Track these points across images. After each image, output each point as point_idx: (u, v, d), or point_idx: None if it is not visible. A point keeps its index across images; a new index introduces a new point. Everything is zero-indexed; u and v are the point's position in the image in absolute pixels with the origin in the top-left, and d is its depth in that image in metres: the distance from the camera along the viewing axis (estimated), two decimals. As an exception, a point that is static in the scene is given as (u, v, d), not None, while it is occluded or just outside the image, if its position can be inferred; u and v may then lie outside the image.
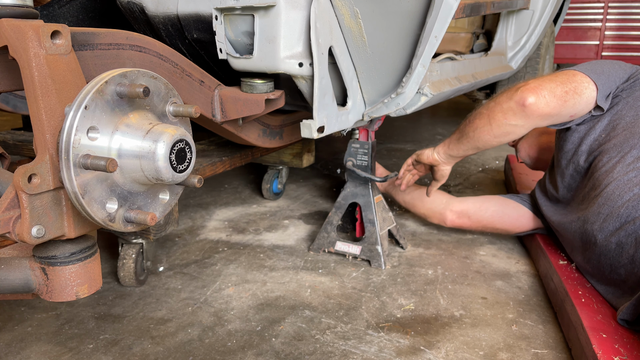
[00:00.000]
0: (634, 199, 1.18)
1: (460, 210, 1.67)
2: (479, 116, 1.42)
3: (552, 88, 1.30)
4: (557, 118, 1.34)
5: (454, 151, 1.54)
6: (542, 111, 1.30)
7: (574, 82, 1.31)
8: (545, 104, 1.29)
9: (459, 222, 1.68)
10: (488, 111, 1.39)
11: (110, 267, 1.55)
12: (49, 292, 0.74)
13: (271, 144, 1.56)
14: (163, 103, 0.72)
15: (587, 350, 1.07)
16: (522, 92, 1.30)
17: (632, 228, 1.16)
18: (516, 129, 1.36)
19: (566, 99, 1.30)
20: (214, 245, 1.73)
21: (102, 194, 0.66)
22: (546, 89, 1.30)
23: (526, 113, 1.31)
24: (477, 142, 1.45)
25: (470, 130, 1.45)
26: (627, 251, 1.17)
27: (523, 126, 1.35)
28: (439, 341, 1.21)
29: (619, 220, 1.19)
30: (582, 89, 1.31)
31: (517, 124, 1.34)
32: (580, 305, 1.21)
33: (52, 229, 0.70)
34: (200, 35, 1.30)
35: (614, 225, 1.20)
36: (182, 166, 0.69)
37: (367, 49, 1.28)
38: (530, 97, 1.29)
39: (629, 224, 1.16)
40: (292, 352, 1.16)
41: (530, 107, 1.29)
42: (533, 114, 1.31)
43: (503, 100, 1.35)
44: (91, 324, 1.27)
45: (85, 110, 0.61)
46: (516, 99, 1.31)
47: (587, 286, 1.31)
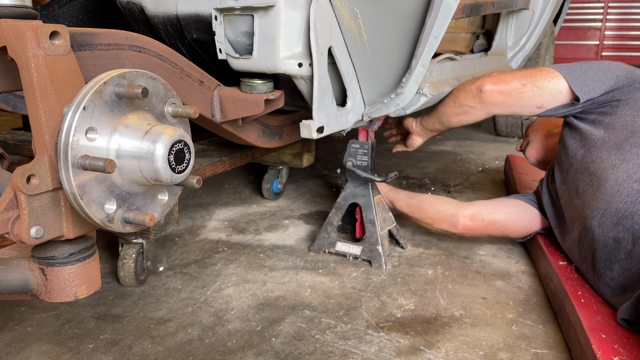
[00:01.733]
0: (633, 194, 1.18)
1: (472, 213, 1.61)
2: (448, 95, 1.60)
3: (509, 80, 1.47)
4: (515, 107, 1.49)
5: (426, 123, 1.72)
6: (494, 99, 1.47)
7: (536, 76, 1.45)
8: (499, 93, 1.46)
9: (472, 224, 1.61)
10: (456, 91, 1.57)
11: (111, 267, 1.55)
12: (48, 292, 0.74)
13: (271, 144, 1.56)
14: (162, 104, 0.72)
15: (587, 350, 1.07)
16: (483, 79, 1.49)
17: (629, 223, 1.16)
18: (473, 111, 1.54)
19: (522, 91, 1.45)
20: (214, 245, 1.73)
21: (101, 194, 0.66)
22: (503, 80, 1.47)
23: (482, 98, 1.49)
24: (442, 117, 1.63)
25: (439, 106, 1.63)
26: (624, 247, 1.17)
27: (479, 110, 1.52)
28: (439, 341, 1.21)
29: (617, 216, 1.19)
30: (544, 83, 1.44)
31: (473, 106, 1.52)
32: (579, 306, 1.21)
33: (51, 229, 0.70)
34: (199, 36, 1.30)
35: (612, 220, 1.20)
36: (181, 167, 0.69)
37: (367, 49, 1.28)
38: (488, 84, 1.47)
39: (627, 219, 1.17)
40: (292, 352, 1.16)
41: (485, 93, 1.47)
42: (487, 100, 1.48)
43: (468, 84, 1.53)
44: (91, 323, 1.27)
45: (83, 111, 0.61)
46: (477, 84, 1.49)
47: (586, 287, 1.31)
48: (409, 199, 1.75)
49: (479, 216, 1.61)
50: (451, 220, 1.63)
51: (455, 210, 1.63)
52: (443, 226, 1.65)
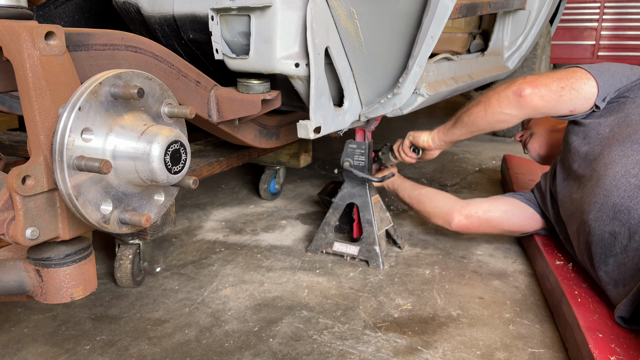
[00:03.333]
0: (630, 189, 1.19)
1: (468, 212, 1.61)
2: (475, 103, 1.49)
3: (548, 83, 1.36)
4: (552, 111, 1.40)
5: (449, 137, 1.62)
6: (535, 103, 1.36)
7: (572, 79, 1.36)
8: (539, 97, 1.35)
9: (466, 223, 1.61)
10: (485, 99, 1.46)
11: (107, 268, 1.54)
12: (44, 294, 0.74)
13: (268, 144, 1.56)
14: (158, 104, 0.72)
15: (584, 349, 1.07)
16: (520, 84, 1.38)
17: (626, 218, 1.17)
18: (509, 118, 1.43)
19: (561, 94, 1.35)
20: (211, 246, 1.72)
21: (97, 195, 0.66)
22: (542, 83, 1.36)
23: (521, 103, 1.38)
24: (472, 127, 1.53)
25: (465, 117, 1.52)
26: (620, 241, 1.18)
27: (516, 116, 1.42)
28: (437, 341, 1.21)
29: (613, 210, 1.20)
30: (581, 85, 1.35)
31: (510, 113, 1.41)
32: (576, 305, 1.21)
33: (47, 230, 0.69)
34: (196, 36, 1.30)
35: (609, 214, 1.21)
36: (177, 167, 0.69)
37: (364, 49, 1.28)
38: (527, 88, 1.36)
39: (624, 214, 1.18)
40: (289, 352, 1.16)
41: (525, 97, 1.36)
42: (527, 105, 1.37)
43: (501, 90, 1.42)
44: (88, 325, 1.27)
45: (79, 112, 0.61)
46: (513, 89, 1.38)
47: (583, 286, 1.32)
48: (412, 190, 1.77)
49: (474, 214, 1.61)
50: (446, 218, 1.64)
51: (452, 208, 1.63)
52: (438, 222, 1.66)
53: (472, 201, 1.65)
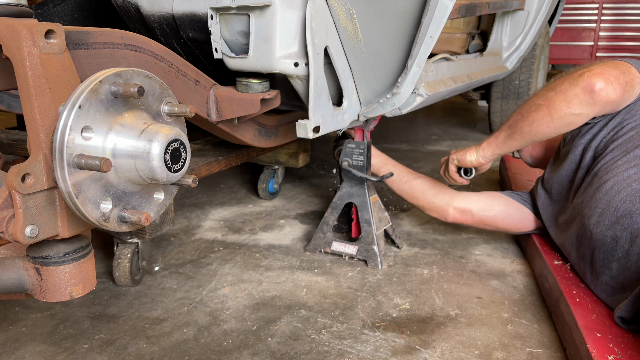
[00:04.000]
0: (632, 193, 1.18)
1: (463, 208, 1.62)
2: (535, 108, 1.34)
3: (617, 75, 1.24)
4: (614, 107, 1.30)
5: (505, 149, 1.49)
6: (609, 97, 1.24)
7: (631, 75, 1.27)
8: (613, 90, 1.23)
9: (461, 218, 1.64)
10: (547, 102, 1.31)
11: (106, 267, 1.54)
12: (43, 292, 0.74)
13: (267, 143, 1.56)
14: (158, 103, 0.72)
15: (582, 349, 1.07)
16: (590, 78, 1.23)
17: (628, 222, 1.17)
18: (580, 119, 1.29)
19: (626, 89, 1.26)
20: (210, 245, 1.72)
21: (96, 193, 0.66)
22: (612, 75, 1.24)
23: (594, 100, 1.24)
24: (535, 137, 1.37)
25: (525, 125, 1.37)
26: (622, 245, 1.18)
27: (588, 115, 1.29)
28: (435, 340, 1.21)
29: (615, 214, 1.19)
30: (636, 84, 1.28)
31: (581, 113, 1.27)
32: (574, 305, 1.22)
33: (46, 228, 0.69)
34: (195, 35, 1.30)
35: (610, 219, 1.20)
36: (177, 166, 0.69)
37: (363, 49, 1.28)
38: (599, 82, 1.22)
39: (626, 218, 1.17)
40: (287, 351, 1.16)
41: (599, 93, 1.23)
42: (601, 101, 1.24)
43: (566, 88, 1.27)
44: (86, 323, 1.27)
45: (79, 110, 0.61)
46: (583, 85, 1.24)
47: (581, 286, 1.32)
48: (401, 184, 1.74)
49: (468, 212, 1.62)
50: (441, 213, 1.66)
51: (447, 203, 1.64)
52: (433, 215, 1.69)
53: (468, 196, 1.65)
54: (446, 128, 3.67)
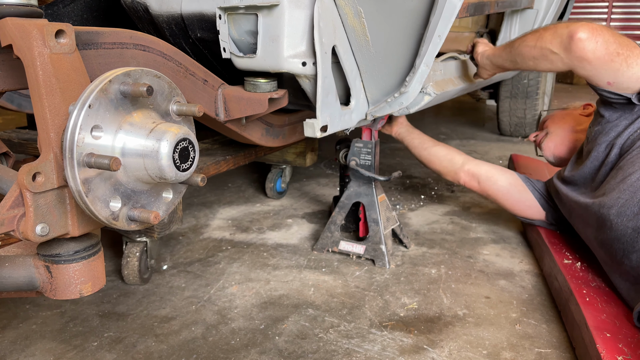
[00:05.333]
0: None
1: (473, 173, 1.71)
2: (532, 32, 1.41)
3: (608, 40, 1.24)
4: (595, 73, 1.29)
5: (496, 59, 1.58)
6: (584, 53, 1.25)
7: (630, 51, 1.25)
8: (592, 48, 1.24)
9: (469, 183, 1.73)
10: (542, 30, 1.37)
11: (115, 265, 1.55)
12: (53, 290, 0.75)
13: (274, 143, 1.56)
14: (166, 102, 0.72)
15: (591, 349, 1.07)
16: (580, 26, 1.26)
17: None
18: (554, 59, 1.34)
19: (613, 59, 1.25)
20: (218, 244, 1.73)
21: (106, 192, 0.66)
22: (603, 37, 1.24)
23: (570, 46, 1.27)
24: (517, 56, 1.45)
25: (518, 43, 1.45)
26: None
27: (562, 59, 1.32)
28: (442, 340, 1.21)
29: (638, 206, 1.18)
30: (633, 63, 1.25)
31: (557, 53, 1.32)
32: (584, 305, 1.21)
33: (56, 227, 0.70)
34: (203, 35, 1.31)
35: (633, 210, 1.19)
36: (186, 165, 0.69)
37: (371, 48, 1.28)
38: (583, 33, 1.24)
39: None
40: (295, 350, 1.16)
41: (577, 42, 1.25)
42: (576, 51, 1.27)
43: (560, 26, 1.32)
44: (95, 321, 1.28)
45: (89, 109, 0.61)
46: (571, 28, 1.27)
47: (592, 285, 1.31)
48: (422, 150, 1.84)
49: (476, 177, 1.71)
50: (454, 176, 1.76)
51: (461, 166, 1.74)
52: (447, 177, 1.79)
53: (479, 164, 1.74)
54: (454, 127, 3.65)
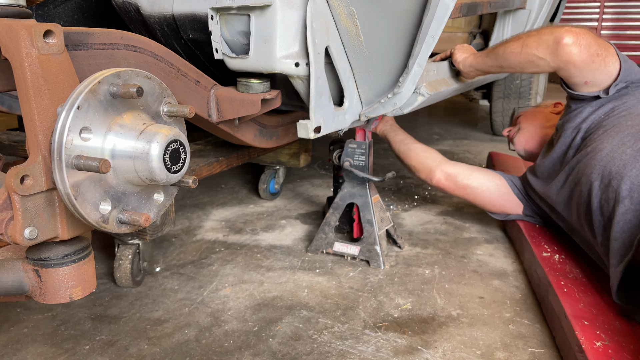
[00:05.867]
0: (625, 158, 1.24)
1: (449, 173, 1.70)
2: (515, 39, 1.48)
3: (590, 43, 1.34)
4: (577, 73, 1.39)
5: (480, 65, 1.63)
6: (571, 57, 1.34)
7: (606, 51, 1.36)
8: (577, 52, 1.33)
9: (445, 183, 1.71)
10: (525, 37, 1.44)
11: (107, 268, 1.54)
12: (42, 294, 0.74)
13: (268, 144, 1.55)
14: (157, 103, 0.71)
15: (570, 337, 1.10)
16: (565, 32, 1.35)
17: (617, 184, 1.22)
18: (541, 63, 1.41)
19: (594, 60, 1.35)
20: (211, 246, 1.72)
21: (95, 195, 0.66)
22: (585, 40, 1.34)
23: (557, 51, 1.35)
24: (503, 62, 1.52)
25: (501, 49, 1.51)
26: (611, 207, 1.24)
27: (548, 63, 1.40)
28: (436, 341, 1.21)
29: (608, 178, 1.25)
30: (609, 62, 1.36)
31: (543, 58, 1.39)
32: (562, 295, 1.25)
33: (45, 230, 0.69)
34: (196, 35, 1.30)
35: (605, 182, 1.26)
36: (177, 167, 0.68)
37: (364, 48, 1.28)
38: (569, 38, 1.33)
39: (617, 180, 1.23)
40: (289, 352, 1.16)
41: (564, 47, 1.34)
42: (562, 55, 1.35)
43: (543, 32, 1.40)
44: (87, 325, 1.27)
45: (77, 111, 0.61)
46: (556, 34, 1.36)
47: (569, 277, 1.36)
48: (402, 144, 1.83)
49: (453, 178, 1.70)
50: (428, 174, 1.73)
51: (436, 165, 1.72)
52: (421, 176, 1.76)
53: (456, 164, 1.74)
54: (448, 127, 3.66)
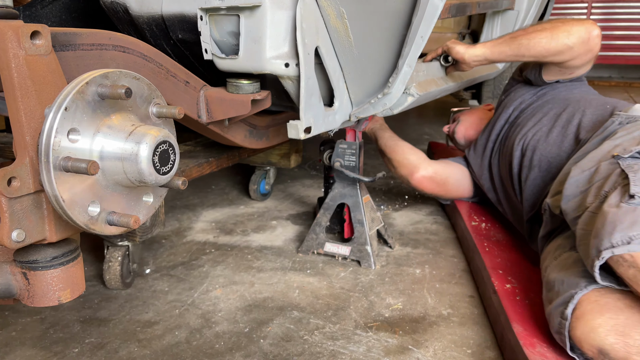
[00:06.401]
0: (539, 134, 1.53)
1: (430, 175, 1.81)
2: (540, 29, 1.58)
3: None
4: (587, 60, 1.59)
5: (495, 54, 1.67)
6: (596, 46, 1.54)
7: None
8: (599, 41, 1.54)
9: (426, 184, 1.81)
10: (552, 27, 1.56)
11: (96, 270, 1.53)
12: (31, 297, 0.73)
13: (258, 144, 1.55)
14: (146, 104, 0.71)
15: (488, 283, 1.36)
16: (591, 24, 1.54)
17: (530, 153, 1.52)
18: (568, 51, 1.55)
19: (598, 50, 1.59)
20: (201, 247, 1.71)
21: (84, 197, 0.65)
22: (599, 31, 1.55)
23: (589, 42, 1.53)
24: (527, 51, 1.59)
25: (524, 39, 1.59)
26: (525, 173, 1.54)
27: (576, 51, 1.54)
28: (427, 340, 1.21)
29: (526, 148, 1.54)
30: None
31: (572, 47, 1.53)
32: (484, 253, 1.51)
33: (33, 232, 0.68)
34: (185, 36, 1.29)
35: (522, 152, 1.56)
36: (166, 168, 0.68)
37: (354, 49, 1.28)
38: (597, 30, 1.53)
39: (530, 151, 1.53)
40: (280, 353, 1.16)
41: (594, 38, 1.52)
42: (590, 44, 1.53)
43: (573, 24, 1.55)
44: (76, 327, 1.26)
45: (65, 112, 0.60)
46: (587, 25, 1.53)
47: (492, 240, 1.63)
48: (389, 139, 1.89)
49: (434, 180, 1.82)
50: (411, 170, 1.80)
51: (418, 164, 1.81)
52: (403, 172, 1.83)
53: (433, 164, 1.84)
54: (437, 128, 3.67)
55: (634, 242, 0.92)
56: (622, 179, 1.07)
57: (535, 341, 1.09)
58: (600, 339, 0.93)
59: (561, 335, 1.02)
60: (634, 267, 0.92)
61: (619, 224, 0.95)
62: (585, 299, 0.99)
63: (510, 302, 1.24)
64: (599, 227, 1.00)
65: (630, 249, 0.92)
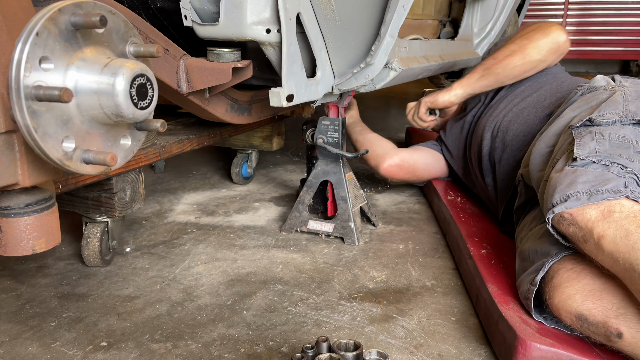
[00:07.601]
0: (511, 115, 1.55)
1: (397, 162, 1.81)
2: (509, 53, 1.58)
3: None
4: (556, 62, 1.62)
5: (476, 88, 1.70)
6: (565, 50, 1.56)
7: None
8: (568, 44, 1.56)
9: (394, 171, 1.83)
10: (520, 48, 1.56)
11: (75, 249, 1.49)
12: (3, 245, 0.70)
13: (239, 120, 1.53)
14: (123, 43, 0.69)
15: (464, 250, 1.39)
16: (557, 31, 1.53)
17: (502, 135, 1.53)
18: (543, 64, 1.58)
19: None
20: (183, 227, 1.69)
21: (58, 130, 0.62)
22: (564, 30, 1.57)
23: (559, 50, 1.55)
24: (506, 77, 1.63)
25: (499, 67, 1.61)
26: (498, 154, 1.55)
27: (549, 61, 1.57)
28: (411, 309, 1.20)
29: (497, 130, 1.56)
30: None
31: (546, 59, 1.56)
32: (460, 223, 1.55)
33: (4, 176, 0.66)
34: (164, 4, 1.27)
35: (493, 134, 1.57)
36: (144, 103, 0.66)
37: (335, 17, 1.27)
38: (563, 35, 1.53)
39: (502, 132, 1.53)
40: (264, 323, 1.14)
41: (563, 44, 1.54)
42: (560, 49, 1.55)
43: (537, 37, 1.54)
44: (54, 303, 1.22)
45: (36, 37, 0.57)
46: (553, 35, 1.52)
47: (467, 211, 1.66)
48: (359, 135, 1.92)
49: (402, 166, 1.83)
50: (378, 161, 1.82)
51: (386, 153, 1.82)
52: (371, 163, 1.85)
53: (400, 152, 1.85)
54: (420, 119, 3.69)
55: (571, 199, 0.92)
56: (569, 145, 1.08)
57: (510, 299, 1.09)
58: (577, 305, 0.91)
59: (527, 300, 1.01)
60: (573, 224, 0.92)
61: (559, 185, 0.96)
62: (562, 267, 0.97)
63: (485, 266, 1.26)
64: (546, 193, 1.00)
65: (568, 205, 0.92)
